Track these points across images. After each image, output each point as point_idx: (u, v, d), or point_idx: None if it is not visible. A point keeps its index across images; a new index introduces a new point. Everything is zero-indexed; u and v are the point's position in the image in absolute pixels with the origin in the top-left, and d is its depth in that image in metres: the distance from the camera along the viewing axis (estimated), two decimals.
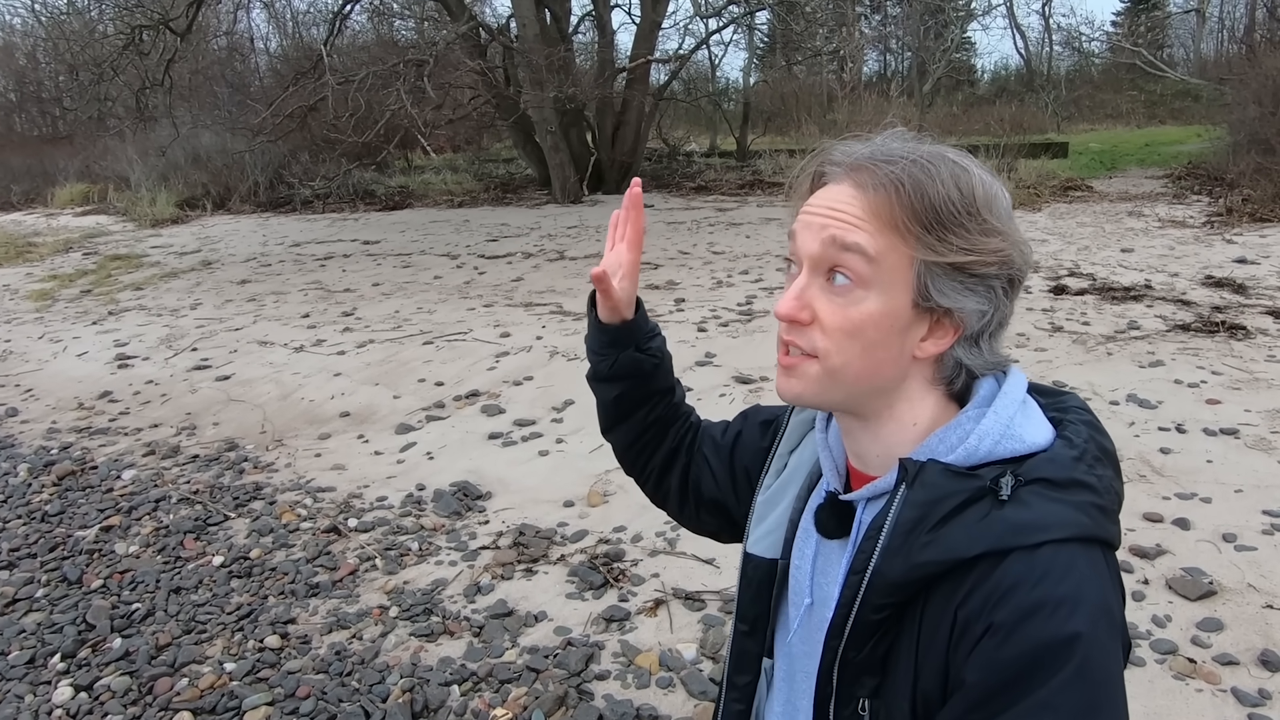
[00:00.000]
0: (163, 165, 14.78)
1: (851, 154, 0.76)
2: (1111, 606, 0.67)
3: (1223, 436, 3.64)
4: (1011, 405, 0.74)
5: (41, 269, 10.18)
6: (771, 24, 17.59)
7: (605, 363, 1.04)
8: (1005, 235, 0.73)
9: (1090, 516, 0.69)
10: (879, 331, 0.73)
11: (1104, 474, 0.73)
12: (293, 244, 10.71)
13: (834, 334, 0.73)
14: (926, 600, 0.71)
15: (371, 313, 6.92)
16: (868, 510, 0.78)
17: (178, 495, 3.92)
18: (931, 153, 0.74)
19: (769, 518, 0.91)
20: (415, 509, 3.66)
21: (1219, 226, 7.96)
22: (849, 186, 0.74)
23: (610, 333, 1.03)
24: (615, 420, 1.08)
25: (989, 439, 0.72)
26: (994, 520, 0.68)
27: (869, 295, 0.72)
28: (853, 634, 0.73)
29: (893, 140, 0.76)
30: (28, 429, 4.99)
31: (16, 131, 25.87)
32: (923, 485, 0.71)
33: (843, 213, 0.73)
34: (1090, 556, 0.68)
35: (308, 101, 11.62)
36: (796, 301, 0.74)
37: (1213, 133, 12.43)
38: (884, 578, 0.71)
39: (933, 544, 0.69)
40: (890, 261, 0.72)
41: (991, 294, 0.74)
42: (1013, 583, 0.65)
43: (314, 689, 2.53)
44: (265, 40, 26.56)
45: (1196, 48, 24.54)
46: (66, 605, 3.05)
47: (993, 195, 0.74)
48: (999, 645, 0.65)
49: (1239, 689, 2.26)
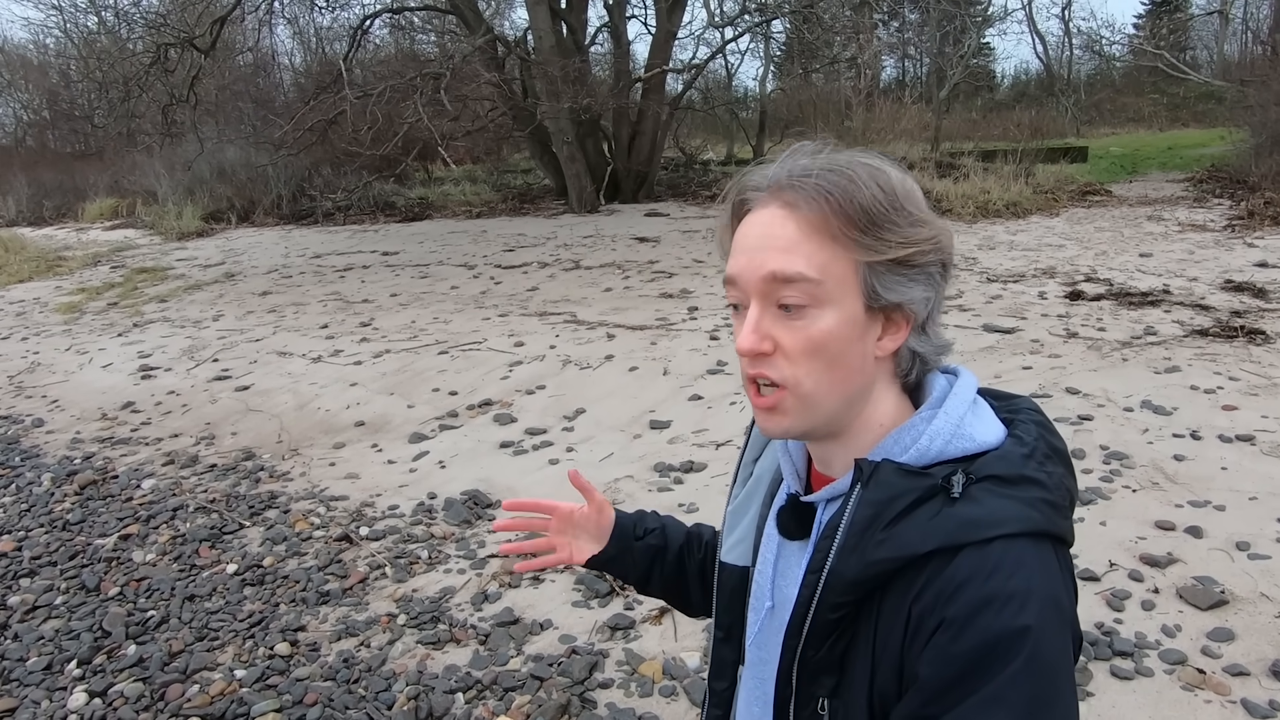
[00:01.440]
0: (189, 179, 15.08)
1: (768, 177, 0.77)
2: (1061, 600, 0.68)
3: (1238, 443, 3.59)
4: (962, 405, 0.76)
5: (70, 282, 10.41)
6: (788, 32, 17.59)
7: (627, 572, 1.16)
8: (930, 223, 0.76)
9: (1040, 512, 0.70)
10: (840, 343, 0.74)
11: (1054, 471, 0.74)
12: (314, 255, 10.86)
13: (798, 358, 0.74)
14: (882, 598, 0.72)
15: (388, 323, 7.00)
16: (827, 511, 0.80)
17: (195, 504, 3.99)
18: (845, 159, 0.75)
19: (739, 527, 0.92)
20: (426, 517, 3.70)
21: (1240, 230, 7.84)
22: (777, 207, 0.75)
23: (605, 554, 1.13)
24: (661, 590, 1.18)
25: (940, 438, 0.74)
26: (946, 517, 0.69)
27: (823, 312, 0.73)
28: (811, 633, 0.74)
29: (801, 156, 0.77)
30: (53, 439, 5.10)
31: (49, 148, 26.53)
32: (877, 484, 0.72)
33: (777, 236, 0.74)
34: (1040, 551, 0.69)
35: (328, 115, 11.80)
36: (755, 334, 0.75)
37: (1235, 135, 12.25)
38: (840, 576, 0.72)
39: (887, 541, 0.70)
40: (835, 273, 0.73)
41: (930, 280, 0.76)
42: (964, 578, 0.67)
43: (321, 696, 2.56)
44: (290, 55, 27.00)
45: (1219, 49, 24.20)
46: (84, 612, 3.11)
47: (910, 188, 0.76)
48: (951, 640, 0.66)
49: (1249, 700, 2.22)
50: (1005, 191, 10.20)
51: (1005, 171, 10.93)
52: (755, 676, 0.86)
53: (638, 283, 7.59)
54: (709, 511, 3.45)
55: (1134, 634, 2.51)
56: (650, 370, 5.20)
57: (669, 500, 3.59)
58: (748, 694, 0.88)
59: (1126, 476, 3.40)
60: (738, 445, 4.06)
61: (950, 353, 0.82)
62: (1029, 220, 9.42)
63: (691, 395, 4.72)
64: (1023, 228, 8.99)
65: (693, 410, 4.55)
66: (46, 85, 27.88)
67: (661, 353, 5.50)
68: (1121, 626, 2.55)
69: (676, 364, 5.25)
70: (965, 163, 12.02)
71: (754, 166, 0.81)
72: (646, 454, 4.09)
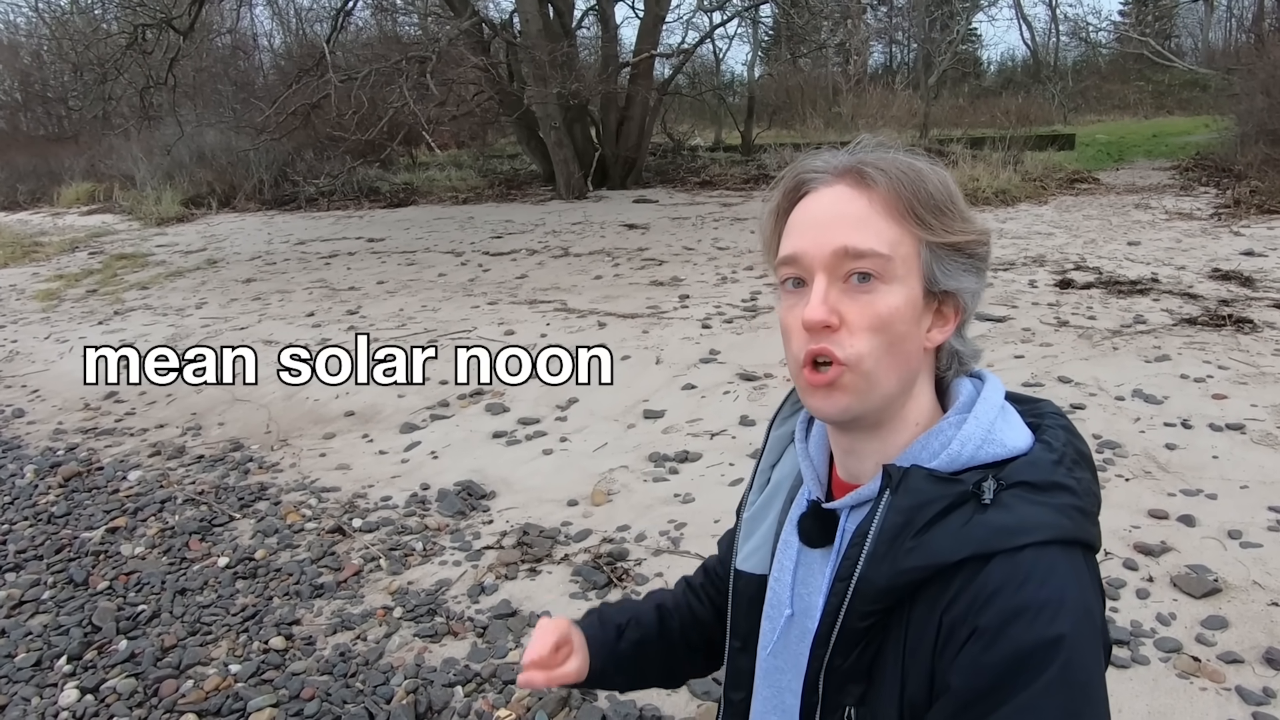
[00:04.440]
0: (168, 164, 14.81)
1: (834, 162, 0.78)
2: (1093, 609, 0.68)
3: (1229, 432, 3.62)
4: (992, 410, 0.76)
5: (47, 269, 10.23)
6: (776, 17, 17.49)
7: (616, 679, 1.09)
8: (975, 218, 0.79)
9: (1071, 519, 0.70)
10: (904, 323, 0.75)
11: (1082, 477, 0.74)
12: (298, 242, 10.73)
13: (863, 333, 0.74)
14: (912, 606, 0.71)
15: (376, 311, 6.93)
16: (851, 518, 0.79)
17: (183, 496, 3.93)
18: (907, 152, 0.78)
19: (756, 534, 0.91)
20: (419, 509, 3.67)
21: (1226, 219, 7.90)
22: (846, 187, 0.76)
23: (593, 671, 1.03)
24: (661, 679, 1.14)
25: (971, 444, 0.74)
26: (977, 524, 0.69)
27: (891, 288, 0.74)
28: (839, 642, 0.74)
29: (862, 149, 0.79)
30: (34, 430, 5.02)
31: (22, 131, 25.99)
32: (907, 491, 0.71)
33: (849, 211, 0.75)
34: (1071, 559, 0.69)
35: (311, 99, 11.63)
36: (824, 306, 0.74)
37: (1220, 123, 12.33)
38: (871, 584, 0.71)
39: (917, 549, 0.69)
40: (902, 251, 0.74)
41: (979, 274, 0.79)
42: (996, 586, 0.66)
43: (318, 690, 2.54)
44: (269, 37, 26.57)
45: (1204, 37, 24.35)
46: (73, 607, 3.07)
47: (956, 188, 0.79)
48: (984, 649, 0.66)
49: (1243, 687, 2.25)
50: (994, 179, 10.22)
51: (994, 159, 10.94)
52: (771, 686, 0.85)
53: (628, 270, 7.54)
54: (704, 502, 3.44)
55: (1129, 622, 2.53)
56: (643, 359, 5.18)
57: (665, 490, 3.58)
58: (762, 704, 0.87)
59: (1119, 465, 3.43)
60: (732, 435, 4.06)
61: (981, 359, 0.83)
62: (1018, 208, 9.44)
63: (685, 384, 4.71)
64: (1012, 215, 9.02)
65: (686, 399, 4.53)
66: (18, 66, 27.27)
67: (654, 341, 5.48)
68: (1117, 615, 2.57)
69: (669, 353, 5.23)
70: (954, 150, 12.03)
71: (809, 154, 0.81)
72: (641, 444, 4.07)
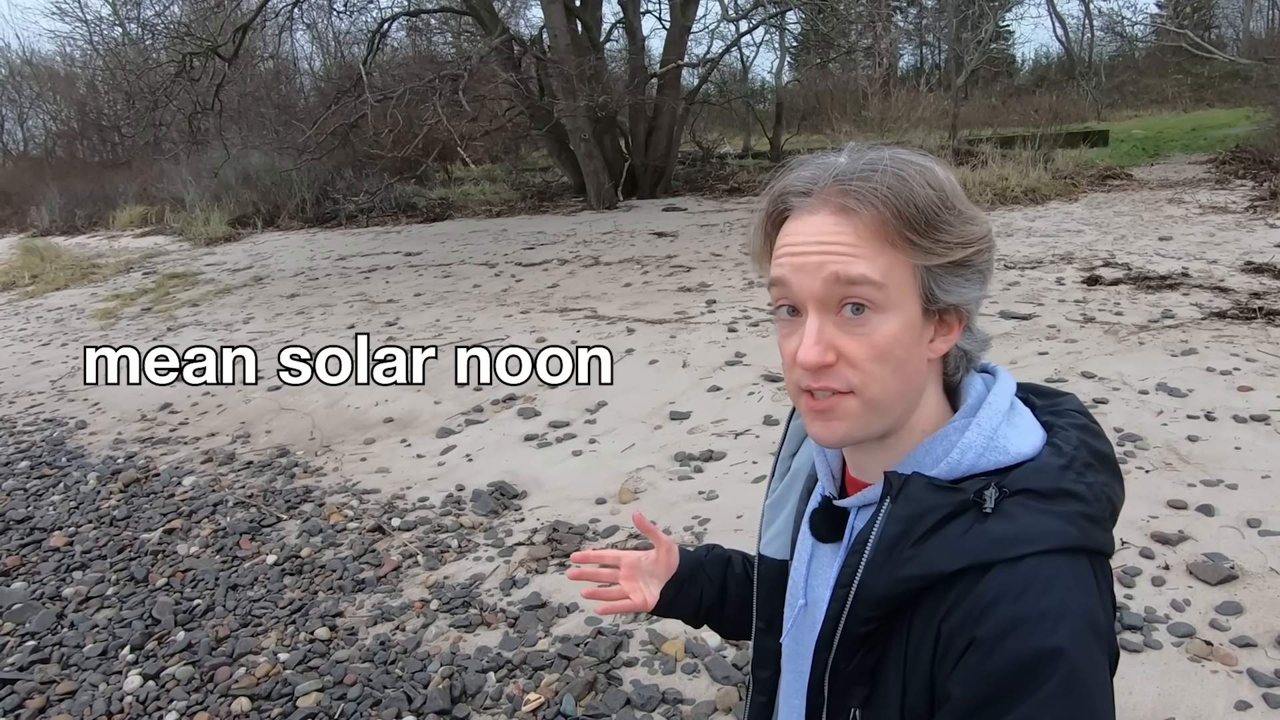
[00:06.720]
0: (215, 186, 15.39)
1: (815, 181, 0.73)
2: (1096, 618, 0.66)
3: (1253, 423, 3.62)
4: (996, 415, 0.74)
5: (105, 289, 10.70)
6: (803, 23, 17.55)
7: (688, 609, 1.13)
8: (978, 218, 0.74)
9: (1077, 526, 0.68)
10: (904, 348, 0.72)
11: (1095, 480, 0.71)
12: (339, 258, 11.07)
13: (864, 365, 0.71)
14: (914, 613, 0.71)
15: (413, 322, 7.16)
16: (858, 519, 0.79)
17: (234, 499, 4.15)
18: (888, 158, 0.72)
19: (777, 520, 0.94)
20: (455, 508, 3.83)
21: (1262, 211, 7.77)
22: (830, 214, 0.72)
23: (671, 591, 1.11)
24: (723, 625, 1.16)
25: (972, 452, 0.72)
26: (976, 534, 0.67)
27: (886, 316, 0.71)
28: (841, 645, 0.74)
29: (840, 156, 0.74)
30: (96, 440, 5.31)
31: (79, 158, 27.10)
32: (906, 499, 0.71)
33: (835, 243, 0.71)
34: (1075, 567, 0.67)
35: (349, 119, 12.00)
36: (819, 346, 0.71)
37: (1259, 115, 12.07)
38: (870, 591, 0.71)
39: (915, 559, 0.69)
40: (896, 278, 0.71)
41: (984, 279, 0.75)
42: (994, 597, 0.65)
43: (360, 676, 2.70)
44: (309, 60, 27.37)
45: (1245, 26, 23.78)
46: (134, 602, 3.28)
47: (954, 182, 0.74)
48: (983, 659, 0.65)
49: (1255, 670, 2.29)
50: (1024, 178, 10.16)
51: (1024, 158, 10.87)
52: (794, 670, 0.88)
53: (656, 277, 7.68)
54: (728, 499, 3.55)
55: (1143, 609, 2.57)
56: (670, 363, 5.30)
57: (689, 488, 3.69)
58: (786, 686, 0.91)
59: (1140, 458, 3.45)
60: (756, 434, 4.16)
61: (990, 347, 0.81)
62: (1047, 206, 9.38)
63: (710, 386, 4.82)
64: (1041, 214, 8.96)
65: (711, 401, 4.64)
66: (74, 96, 28.50)
67: (681, 345, 5.60)
68: (1131, 602, 2.62)
69: (695, 356, 5.34)
70: (983, 150, 11.97)
71: (788, 167, 0.77)
72: (667, 444, 4.19)
